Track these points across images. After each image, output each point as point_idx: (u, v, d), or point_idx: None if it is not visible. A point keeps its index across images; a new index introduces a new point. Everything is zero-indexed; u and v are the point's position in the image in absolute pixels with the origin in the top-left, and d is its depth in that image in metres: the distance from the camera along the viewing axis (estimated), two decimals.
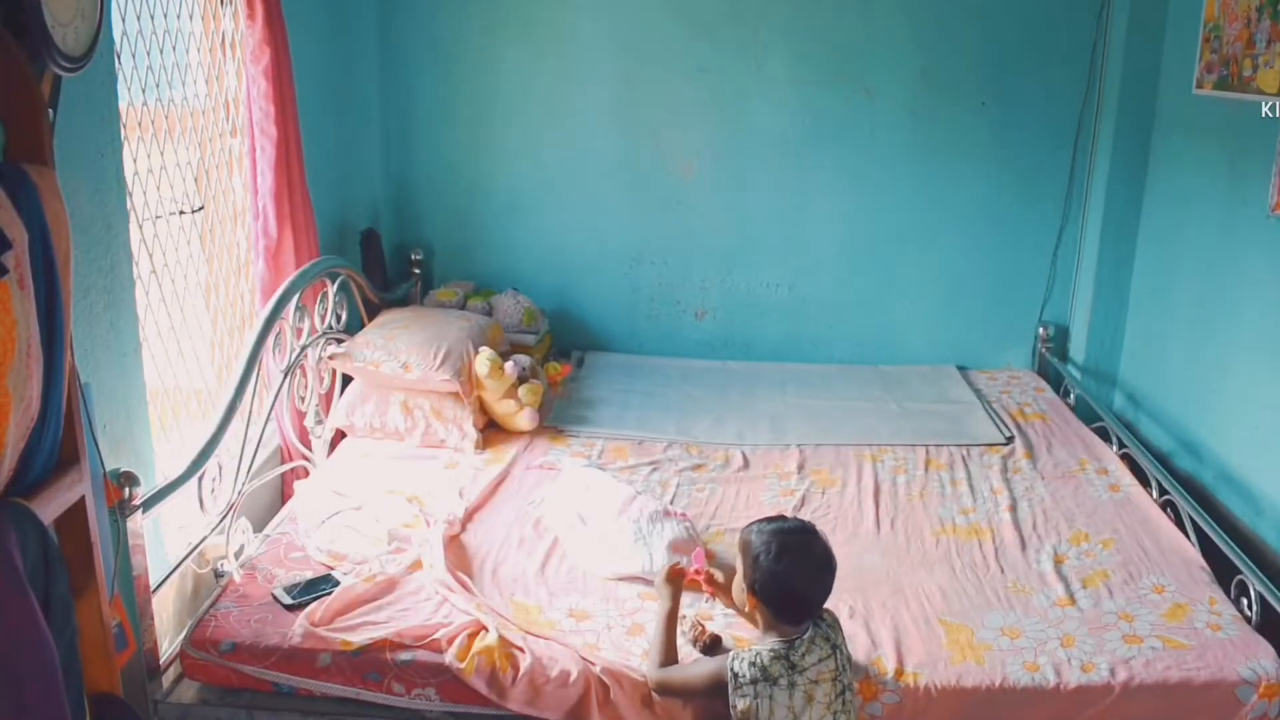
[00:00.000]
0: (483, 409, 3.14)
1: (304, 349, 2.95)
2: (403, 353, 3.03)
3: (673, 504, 2.71)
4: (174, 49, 2.56)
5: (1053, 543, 2.60)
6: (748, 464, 3.03)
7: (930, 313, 3.97)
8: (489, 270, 3.99)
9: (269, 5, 2.73)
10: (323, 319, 3.10)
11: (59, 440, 1.50)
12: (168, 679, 2.14)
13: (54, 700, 1.37)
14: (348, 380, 3.17)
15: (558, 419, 3.30)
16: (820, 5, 3.71)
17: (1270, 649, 2.12)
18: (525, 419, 3.14)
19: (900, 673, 2.05)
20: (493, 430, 3.18)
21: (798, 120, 3.81)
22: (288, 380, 2.85)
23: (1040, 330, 3.91)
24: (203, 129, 2.77)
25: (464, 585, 2.27)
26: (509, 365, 3.15)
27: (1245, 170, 2.90)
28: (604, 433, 3.21)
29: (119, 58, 2.22)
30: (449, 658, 2.03)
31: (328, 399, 3.15)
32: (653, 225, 3.94)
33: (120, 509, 1.94)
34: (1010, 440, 3.23)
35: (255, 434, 2.61)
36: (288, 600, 2.22)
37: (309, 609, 2.15)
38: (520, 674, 2.01)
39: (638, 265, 3.99)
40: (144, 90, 2.41)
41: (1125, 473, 2.98)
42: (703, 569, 2.23)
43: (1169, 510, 2.77)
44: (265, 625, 2.14)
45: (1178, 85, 3.33)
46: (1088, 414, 3.46)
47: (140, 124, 2.39)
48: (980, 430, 3.30)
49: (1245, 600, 2.31)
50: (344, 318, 3.26)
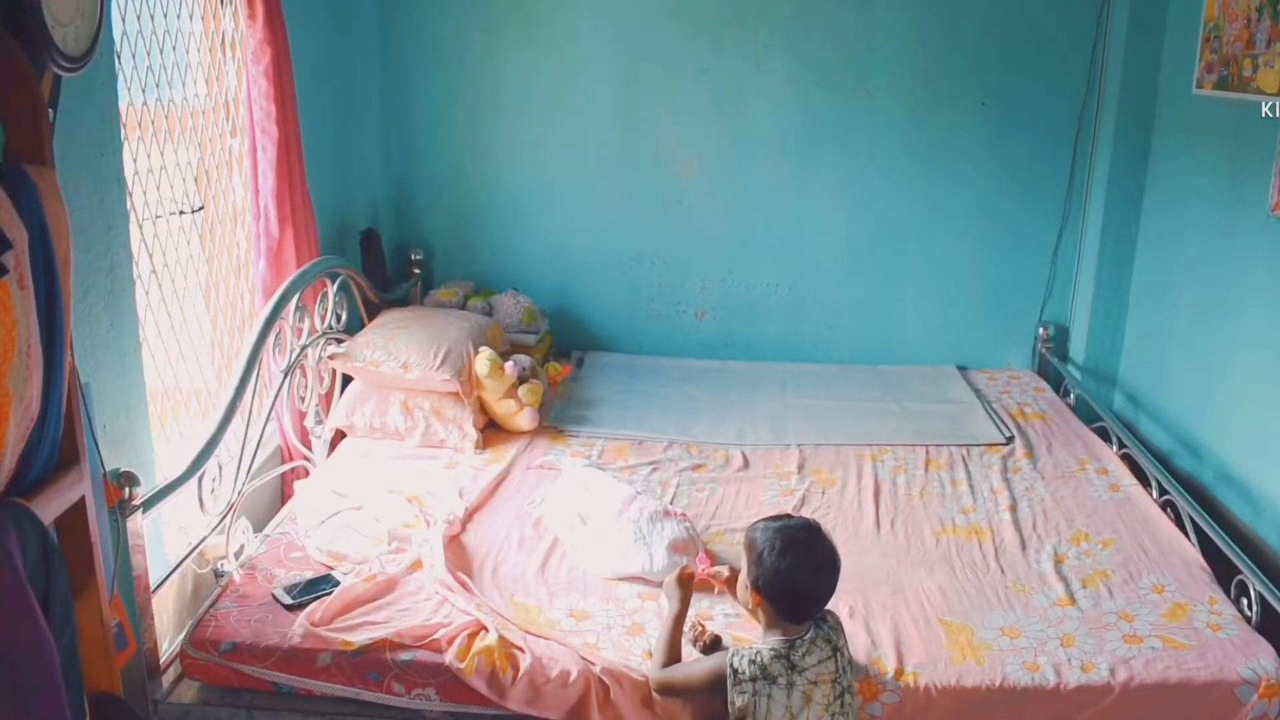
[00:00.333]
0: (483, 409, 3.14)
1: (304, 349, 2.95)
2: (403, 353, 3.03)
3: (673, 504, 2.71)
4: (174, 49, 2.56)
5: (1053, 543, 2.59)
6: (748, 464, 3.03)
7: (930, 313, 3.97)
8: (489, 270, 3.99)
9: (269, 5, 2.73)
10: (323, 319, 3.10)
11: (59, 440, 1.50)
12: (168, 679, 2.14)
13: (54, 700, 1.37)
14: (348, 380, 3.17)
15: (558, 419, 3.30)
16: (820, 5, 3.72)
17: (1270, 649, 2.12)
18: (525, 419, 3.15)
19: (900, 673, 2.05)
20: (493, 430, 3.18)
21: (798, 120, 3.81)
22: (288, 380, 2.85)
23: (1040, 330, 3.91)
24: (203, 129, 2.77)
25: (464, 585, 2.27)
26: (509, 365, 3.15)
27: (1245, 170, 2.90)
28: (604, 433, 3.21)
29: (119, 58, 2.22)
30: (449, 658, 2.03)
31: (328, 399, 3.15)
32: (653, 225, 3.94)
33: (120, 509, 1.94)
34: (1010, 440, 3.23)
35: (255, 434, 2.61)
36: (288, 600, 2.22)
37: (309, 609, 2.15)
38: (520, 674, 2.01)
39: (638, 265, 3.99)
40: (144, 90, 2.41)
41: (1125, 473, 2.98)
42: (710, 568, 2.23)
43: (1169, 510, 2.77)
44: (265, 625, 2.14)
45: (1178, 85, 3.33)
46: (1088, 414, 3.46)
47: (140, 124, 2.39)
48: (980, 430, 3.30)
49: (1245, 600, 2.31)
50: (344, 318, 3.26)
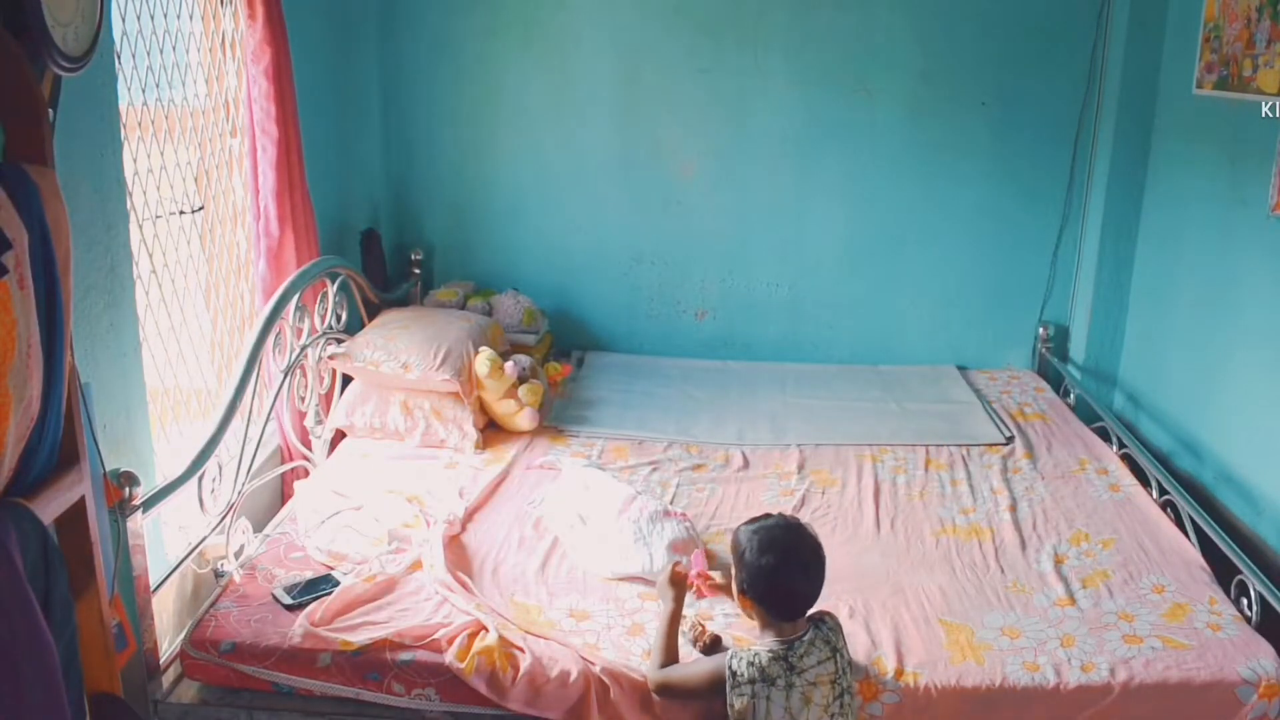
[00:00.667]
0: (483, 409, 3.14)
1: (304, 349, 2.95)
2: (403, 353, 3.03)
3: (673, 504, 2.71)
4: (174, 49, 2.56)
5: (1053, 543, 2.59)
6: (748, 464, 3.03)
7: (930, 313, 3.97)
8: (489, 270, 3.99)
9: (269, 5, 2.73)
10: (323, 319, 3.10)
11: (59, 440, 1.50)
12: (168, 679, 2.14)
13: (54, 700, 1.37)
14: (348, 380, 3.17)
15: (558, 419, 3.30)
16: (820, 5, 3.71)
17: (1270, 649, 2.12)
18: (525, 419, 3.14)
19: (900, 673, 2.05)
20: (493, 430, 3.18)
21: (798, 120, 3.81)
22: (288, 380, 2.85)
23: (1040, 330, 3.91)
24: (203, 129, 2.77)
25: (464, 585, 2.27)
26: (509, 365, 3.14)
27: (1245, 170, 2.90)
28: (604, 433, 3.21)
29: (119, 58, 2.22)
30: (449, 658, 2.03)
31: (328, 399, 3.15)
32: (653, 225, 3.94)
33: (120, 509, 1.94)
34: (1010, 440, 3.23)
35: (255, 434, 2.61)
36: (288, 600, 2.22)
37: (309, 609, 2.15)
38: (520, 674, 2.01)
39: (638, 265, 3.99)
40: (144, 90, 2.41)
41: (1125, 473, 2.98)
42: (704, 572, 2.23)
43: (1169, 510, 2.77)
44: (265, 625, 2.14)
45: (1178, 85, 3.33)
46: (1088, 414, 3.46)
47: (140, 124, 2.39)
48: (980, 430, 3.30)
49: (1245, 600, 2.31)
50: (344, 318, 3.26)
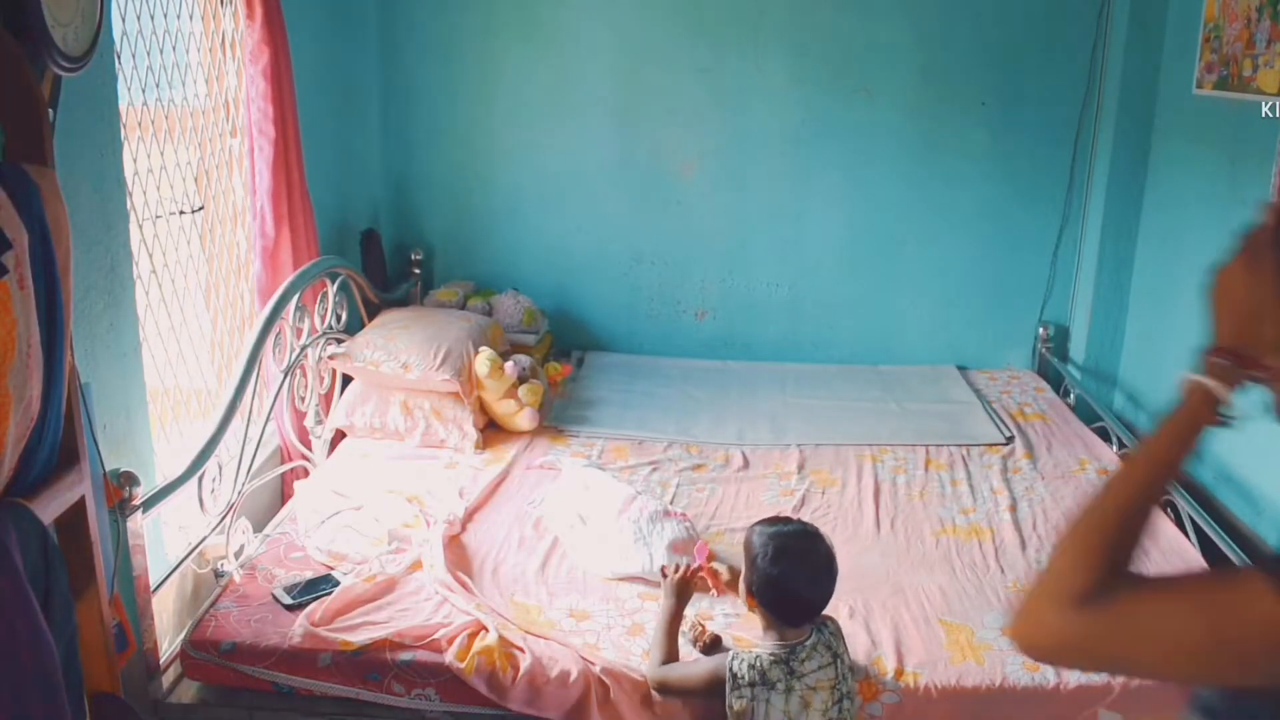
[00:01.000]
0: (483, 409, 3.14)
1: (304, 349, 2.95)
2: (403, 353, 3.03)
3: (673, 504, 2.71)
4: (174, 49, 2.56)
5: (1053, 543, 2.59)
6: (748, 464, 3.03)
7: (930, 313, 3.97)
8: (489, 270, 3.99)
9: (268, 5, 2.73)
10: (323, 319, 3.10)
11: (59, 440, 1.50)
12: (168, 679, 2.14)
13: (54, 700, 1.37)
14: (348, 380, 3.17)
15: (558, 419, 3.30)
16: (820, 5, 3.72)
17: None
18: (525, 419, 3.14)
19: (900, 673, 2.05)
20: (493, 430, 3.18)
21: (798, 120, 3.81)
22: (288, 380, 2.85)
23: (1040, 330, 3.91)
24: (203, 129, 2.77)
25: (464, 585, 2.27)
26: (509, 365, 3.14)
27: (1245, 170, 2.90)
28: (604, 433, 3.21)
29: (119, 58, 2.22)
30: (449, 658, 2.03)
31: (328, 399, 3.15)
32: (653, 225, 3.94)
33: (120, 509, 1.94)
34: (1010, 440, 3.23)
35: (255, 434, 2.61)
36: (288, 600, 2.22)
37: (309, 609, 2.15)
38: (520, 674, 2.01)
39: (637, 265, 3.99)
40: (144, 90, 2.41)
41: None
42: (705, 565, 2.23)
43: (1169, 510, 2.77)
44: (265, 625, 2.14)
45: (1178, 85, 3.33)
46: (1088, 414, 3.46)
47: (140, 124, 2.39)
48: (980, 430, 3.30)
49: None
50: (344, 318, 3.26)
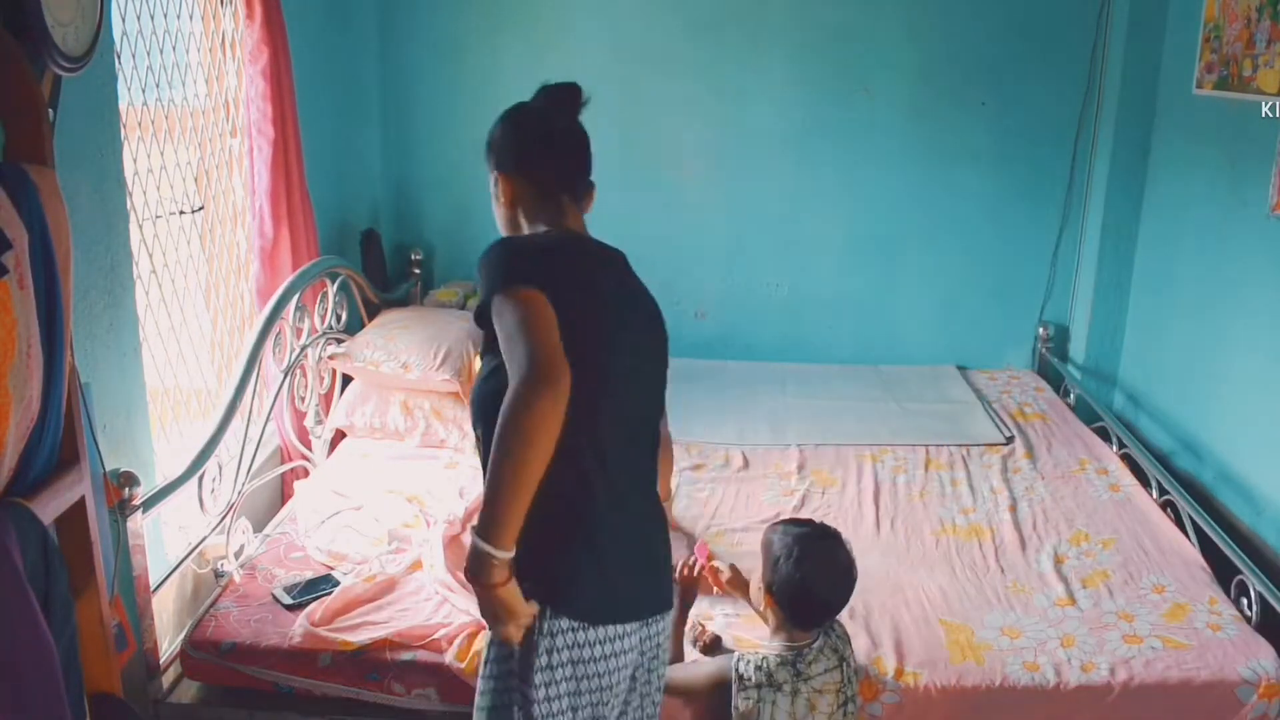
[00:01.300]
0: None
1: (304, 349, 2.95)
2: (403, 353, 3.03)
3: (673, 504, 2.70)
4: (174, 49, 2.56)
5: (1053, 543, 2.59)
6: (748, 464, 3.03)
7: (930, 313, 3.97)
8: None
9: (267, 5, 2.73)
10: (323, 319, 3.10)
11: (59, 440, 1.50)
12: (168, 679, 2.14)
13: (54, 700, 1.37)
14: (348, 380, 3.17)
15: None
16: (820, 5, 3.71)
17: (1270, 649, 2.12)
18: None
19: (900, 673, 2.05)
20: None
21: (798, 120, 3.81)
22: (288, 380, 2.85)
23: (1040, 330, 3.91)
24: (203, 129, 2.77)
25: (464, 585, 2.27)
26: None
27: (1245, 170, 2.90)
28: None
29: (119, 58, 2.22)
30: (449, 658, 2.03)
31: (328, 399, 3.15)
32: (652, 225, 3.93)
33: (120, 509, 1.94)
34: (1010, 440, 3.23)
35: (255, 434, 2.61)
36: (288, 600, 2.22)
37: (309, 609, 2.15)
38: None
39: (637, 264, 3.88)
40: (144, 90, 2.41)
41: (1125, 473, 2.98)
42: (706, 564, 2.23)
43: (1169, 510, 2.77)
44: (265, 625, 2.14)
45: (1178, 85, 3.33)
46: (1088, 414, 3.46)
47: (140, 124, 2.39)
48: (980, 430, 3.30)
49: (1245, 600, 2.31)
50: (344, 318, 3.26)
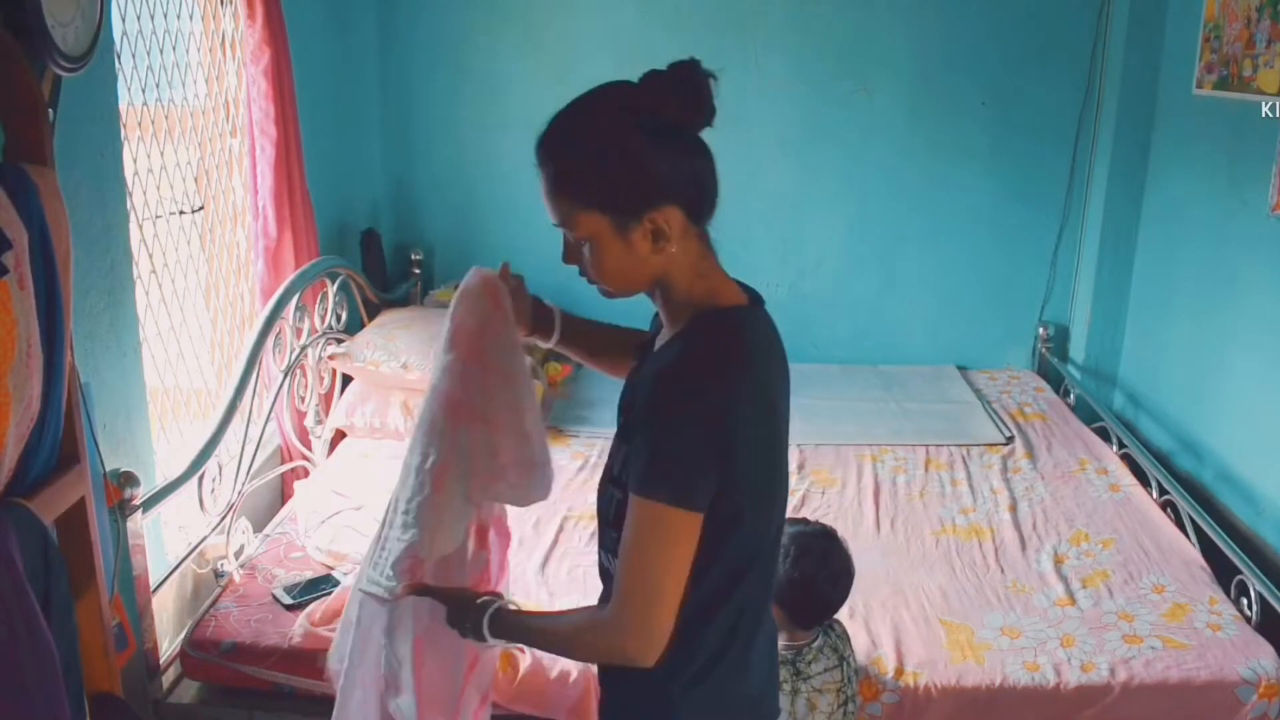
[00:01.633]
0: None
1: (304, 349, 2.95)
2: (403, 353, 3.03)
3: None
4: (174, 49, 2.56)
5: (1053, 543, 2.59)
6: None
7: (930, 313, 3.97)
8: None
9: (269, 5, 2.73)
10: (323, 319, 3.10)
11: (59, 440, 1.50)
12: (168, 679, 2.14)
13: (54, 700, 1.37)
14: (348, 380, 3.17)
15: (558, 419, 3.29)
16: (820, 5, 3.71)
17: (1270, 649, 2.12)
18: None
19: (900, 673, 2.05)
20: None
21: (797, 120, 3.81)
22: (288, 380, 2.85)
23: (1040, 330, 3.91)
24: (203, 129, 2.77)
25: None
26: None
27: (1245, 171, 2.90)
28: (604, 433, 3.20)
29: (119, 58, 2.22)
30: None
31: (328, 399, 3.15)
32: None
33: (120, 509, 1.94)
34: (1010, 440, 3.23)
35: (255, 434, 2.61)
36: (288, 600, 2.22)
37: (309, 609, 2.15)
38: (520, 674, 2.00)
39: None
40: (144, 90, 2.41)
41: (1125, 473, 2.98)
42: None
43: (1169, 510, 2.77)
44: (265, 625, 2.14)
45: (1178, 85, 3.33)
46: (1088, 414, 3.46)
47: (140, 124, 2.39)
48: (980, 430, 3.30)
49: (1245, 600, 2.31)
50: (344, 318, 3.26)
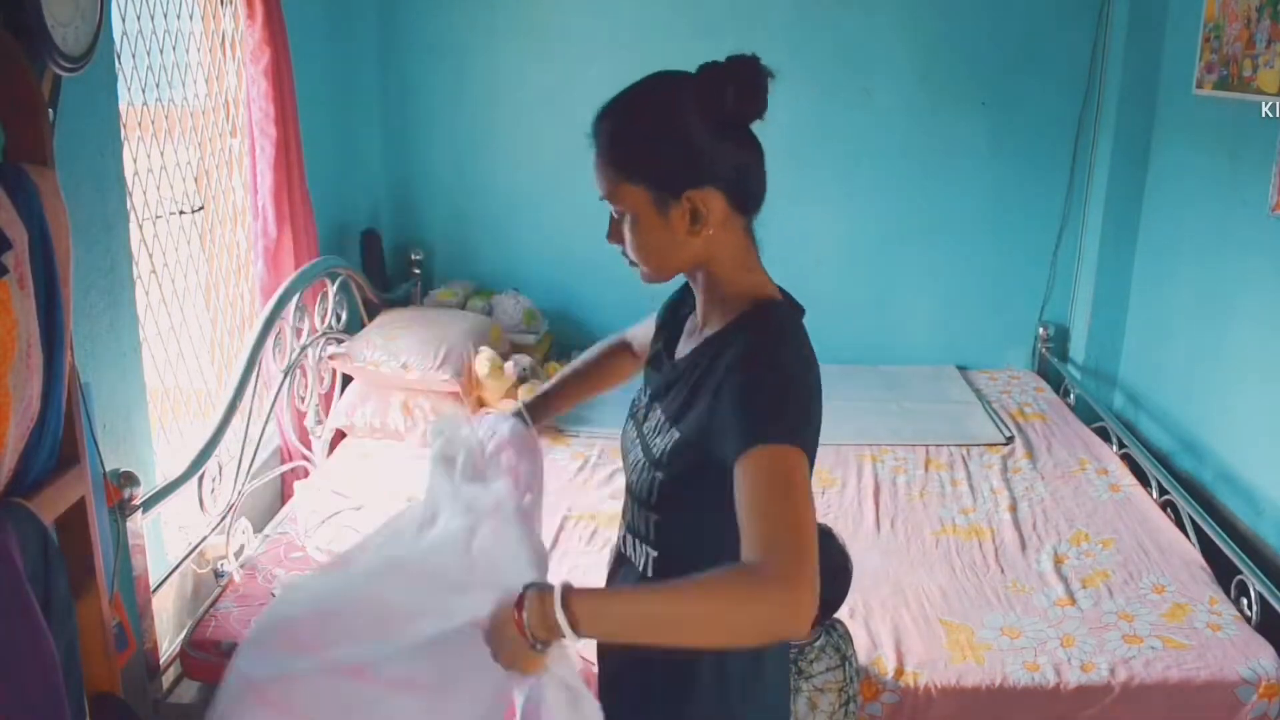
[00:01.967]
0: (483, 409, 3.14)
1: (304, 349, 2.95)
2: (403, 353, 3.03)
3: None
4: (174, 49, 2.56)
5: (1053, 543, 2.59)
6: None
7: (930, 313, 3.97)
8: (489, 270, 3.98)
9: (269, 5, 2.73)
10: (323, 319, 3.10)
11: (59, 440, 1.49)
12: (168, 679, 2.14)
13: (54, 700, 1.37)
14: (348, 380, 3.17)
15: (558, 419, 3.28)
16: (820, 5, 3.71)
17: (1270, 649, 2.13)
18: None
19: (900, 673, 2.05)
20: None
21: (798, 120, 3.81)
22: (288, 380, 2.85)
23: (1040, 330, 3.91)
24: (203, 129, 2.77)
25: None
26: (509, 365, 3.14)
27: (1245, 170, 2.90)
28: (604, 433, 3.21)
29: (119, 58, 2.22)
30: None
31: (328, 399, 3.15)
32: None
33: (120, 509, 1.94)
34: (1010, 440, 3.23)
35: (255, 434, 2.61)
36: None
37: None
38: None
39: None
40: (144, 90, 2.41)
41: (1125, 473, 2.98)
42: None
43: (1169, 510, 2.77)
44: None
45: (1178, 85, 3.33)
46: (1088, 414, 3.46)
47: (140, 124, 2.39)
48: (980, 430, 3.30)
49: (1245, 600, 2.32)
50: (344, 318, 3.26)
